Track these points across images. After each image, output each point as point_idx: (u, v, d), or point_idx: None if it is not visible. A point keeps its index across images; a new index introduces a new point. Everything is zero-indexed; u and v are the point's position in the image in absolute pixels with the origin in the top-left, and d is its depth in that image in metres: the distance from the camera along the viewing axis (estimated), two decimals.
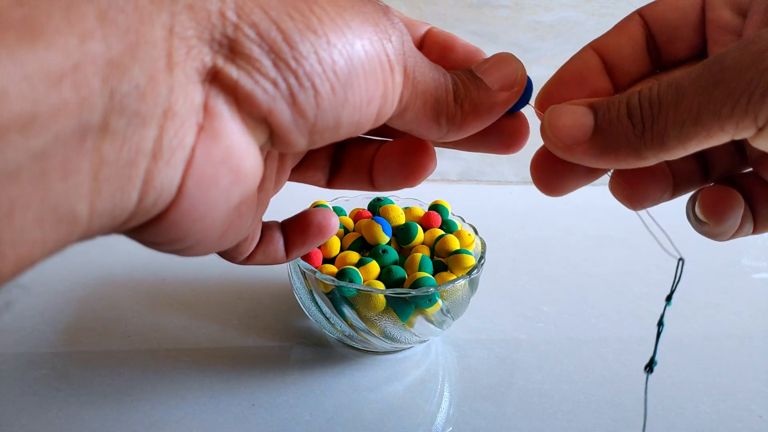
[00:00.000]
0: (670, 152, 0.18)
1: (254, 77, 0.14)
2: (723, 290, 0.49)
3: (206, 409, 0.32)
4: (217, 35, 0.14)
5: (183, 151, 0.14)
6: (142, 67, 0.13)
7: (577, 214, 0.62)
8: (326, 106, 0.15)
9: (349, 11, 0.16)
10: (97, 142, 0.12)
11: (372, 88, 0.16)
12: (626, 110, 0.18)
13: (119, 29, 0.12)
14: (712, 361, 0.39)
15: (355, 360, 0.37)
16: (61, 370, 0.34)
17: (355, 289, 0.33)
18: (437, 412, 0.34)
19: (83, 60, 0.12)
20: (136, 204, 0.14)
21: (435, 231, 0.39)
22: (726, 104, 0.16)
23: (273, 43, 0.14)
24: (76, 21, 0.12)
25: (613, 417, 0.34)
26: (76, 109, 0.12)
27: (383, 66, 0.16)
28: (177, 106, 0.13)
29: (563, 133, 0.19)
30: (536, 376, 0.37)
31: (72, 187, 0.12)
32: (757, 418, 0.35)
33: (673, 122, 0.17)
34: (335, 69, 0.15)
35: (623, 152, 0.18)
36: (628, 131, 0.18)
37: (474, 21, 0.58)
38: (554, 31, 0.60)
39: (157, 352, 0.36)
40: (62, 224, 0.12)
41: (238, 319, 0.40)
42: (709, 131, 0.17)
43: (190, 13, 0.13)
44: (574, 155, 0.19)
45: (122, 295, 0.42)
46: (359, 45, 0.16)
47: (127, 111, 0.12)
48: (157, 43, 0.13)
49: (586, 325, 0.42)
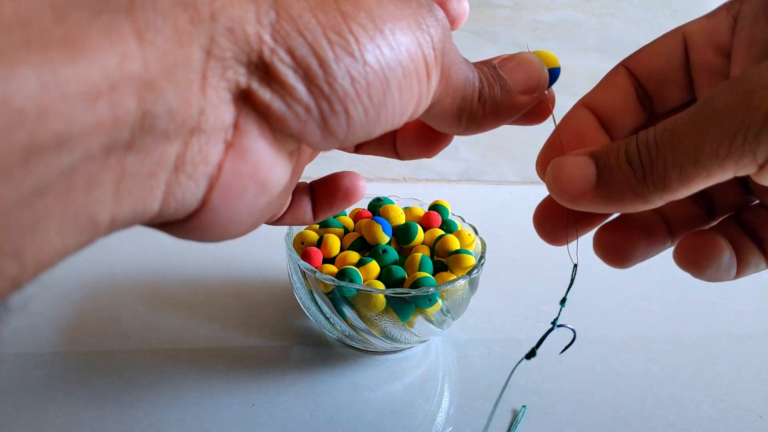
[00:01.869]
0: (674, 193, 0.18)
1: (287, 101, 0.14)
2: (723, 290, 0.49)
3: (206, 409, 0.32)
4: (254, 58, 0.13)
5: (207, 167, 0.14)
6: (177, 89, 0.13)
7: None
8: (357, 127, 0.15)
9: (390, 18, 0.15)
10: (122, 157, 0.12)
11: (406, 102, 0.16)
12: (625, 156, 0.18)
13: (158, 50, 0.12)
14: (712, 361, 0.39)
15: (355, 360, 0.37)
16: (61, 370, 0.34)
17: (355, 289, 0.33)
18: (437, 412, 0.34)
19: (121, 80, 0.11)
20: (158, 212, 0.14)
21: (435, 231, 0.39)
22: (723, 144, 0.16)
23: (308, 69, 0.14)
24: (117, 40, 0.11)
25: (613, 417, 0.34)
26: (108, 128, 0.12)
27: (420, 77, 0.16)
28: (205, 125, 0.13)
29: (568, 185, 0.19)
30: (536, 377, 0.37)
31: (94, 199, 0.12)
32: (757, 418, 0.35)
33: (672, 165, 0.17)
34: (370, 93, 0.15)
35: (628, 197, 0.18)
36: (630, 177, 0.18)
37: (474, 21, 0.58)
38: (554, 31, 0.60)
39: (157, 352, 0.36)
40: (83, 231, 0.12)
41: (238, 319, 0.40)
42: (709, 171, 0.17)
43: (229, 35, 0.13)
44: (582, 204, 0.20)
45: (122, 295, 0.42)
46: (397, 61, 0.15)
47: (155, 130, 0.13)
48: (193, 64, 0.13)
49: (586, 325, 0.42)
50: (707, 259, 0.22)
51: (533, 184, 0.68)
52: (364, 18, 0.15)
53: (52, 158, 0.11)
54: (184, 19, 0.12)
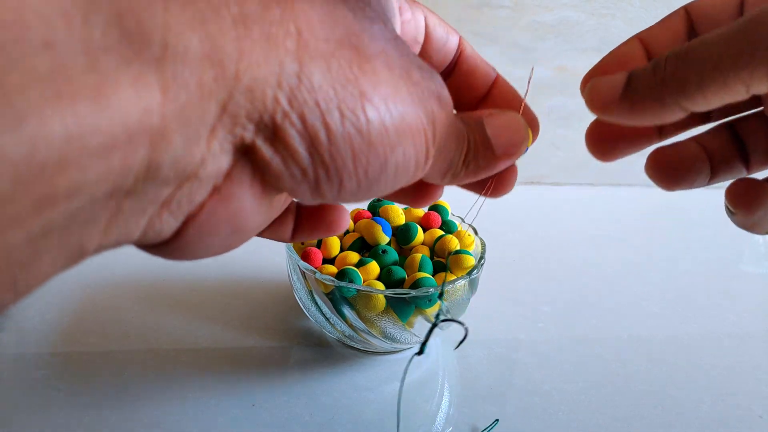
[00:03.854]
0: (690, 99, 0.18)
1: (287, 162, 0.14)
2: (723, 290, 0.49)
3: (206, 409, 0.32)
4: (265, 118, 0.14)
5: (189, 205, 0.14)
6: (186, 140, 0.13)
7: (577, 214, 0.62)
8: (347, 194, 0.16)
9: (402, 103, 0.15)
10: (121, 199, 0.13)
11: (400, 180, 0.16)
12: (652, 65, 0.19)
13: (178, 104, 0.12)
14: (712, 361, 0.39)
15: (355, 360, 0.37)
16: (61, 370, 0.34)
17: (355, 290, 0.33)
18: (437, 412, 0.34)
19: (138, 133, 0.12)
20: (136, 239, 0.14)
21: (435, 231, 0.39)
22: (745, 53, 0.17)
23: (315, 137, 0.14)
24: (143, 92, 0.12)
25: (613, 417, 0.34)
26: (115, 176, 0.12)
27: (418, 162, 0.16)
28: (202, 172, 0.13)
29: (597, 93, 0.20)
30: (536, 376, 0.37)
31: (87, 233, 0.13)
32: (757, 418, 0.35)
33: (694, 68, 0.18)
34: (367, 170, 0.15)
35: (647, 102, 0.19)
36: (651, 81, 0.19)
37: (474, 21, 0.58)
38: (554, 31, 0.60)
39: (157, 352, 0.36)
40: (72, 259, 0.13)
41: (238, 319, 0.40)
42: (726, 79, 0.17)
43: (247, 94, 0.13)
44: (610, 114, 0.20)
45: (122, 296, 0.42)
46: (401, 148, 0.16)
47: (157, 177, 0.13)
48: (206, 118, 0.13)
49: (586, 325, 0.42)
50: (758, 201, 0.23)
51: (533, 184, 0.68)
52: (379, 100, 0.15)
53: (63, 205, 0.11)
54: (210, 75, 0.12)
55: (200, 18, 0.12)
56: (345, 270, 0.34)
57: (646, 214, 0.63)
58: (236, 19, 0.13)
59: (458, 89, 0.24)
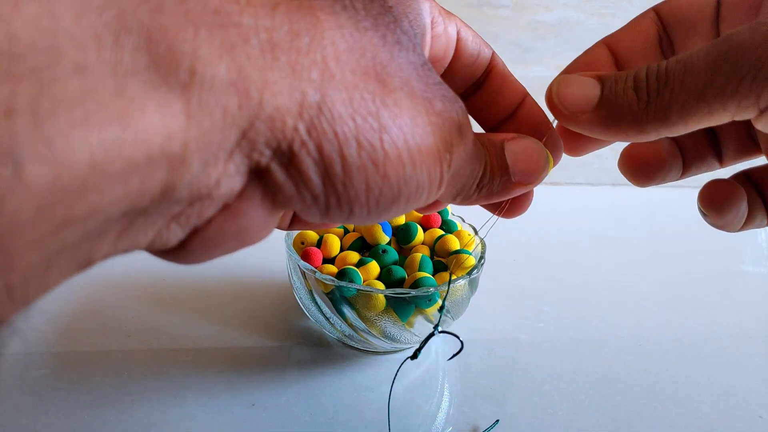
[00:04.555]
0: (672, 128, 0.18)
1: (299, 187, 0.14)
2: (723, 290, 0.49)
3: (206, 409, 0.32)
4: (283, 145, 0.14)
5: (198, 220, 0.14)
6: (203, 164, 0.13)
7: (577, 214, 0.62)
8: (355, 220, 0.16)
9: (422, 136, 0.15)
10: (134, 217, 0.13)
11: (411, 208, 0.16)
12: (633, 83, 0.18)
13: (201, 131, 0.12)
14: (712, 361, 0.39)
15: (355, 360, 0.37)
16: (61, 370, 0.34)
17: (355, 289, 0.33)
18: (437, 412, 0.34)
19: (159, 158, 0.12)
20: (142, 248, 0.14)
21: (435, 231, 0.39)
22: (731, 82, 0.16)
23: (330, 166, 0.14)
24: (169, 117, 0.12)
25: (613, 417, 0.34)
26: (133, 198, 0.12)
27: (431, 191, 0.16)
28: (215, 193, 0.14)
29: (569, 101, 0.19)
30: (536, 376, 0.37)
31: (98, 246, 0.13)
32: (757, 418, 0.35)
33: (678, 97, 0.17)
34: (379, 201, 0.15)
35: (625, 124, 0.19)
36: (633, 104, 0.18)
37: (474, 21, 0.58)
38: (554, 31, 0.60)
39: (157, 352, 0.36)
40: (78, 269, 0.13)
41: (238, 319, 0.40)
42: (711, 108, 0.17)
43: (268, 122, 0.13)
44: (578, 124, 0.20)
45: (122, 295, 0.42)
46: (415, 180, 0.15)
47: (173, 198, 0.13)
48: (226, 144, 0.13)
49: (586, 325, 0.42)
50: (729, 204, 0.23)
51: None
52: (398, 133, 0.15)
53: (80, 226, 0.11)
54: (234, 102, 0.12)
55: (229, 45, 0.12)
56: (345, 270, 0.34)
57: (646, 214, 0.63)
58: (264, 47, 0.13)
59: (485, 105, 0.23)
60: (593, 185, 0.69)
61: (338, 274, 0.34)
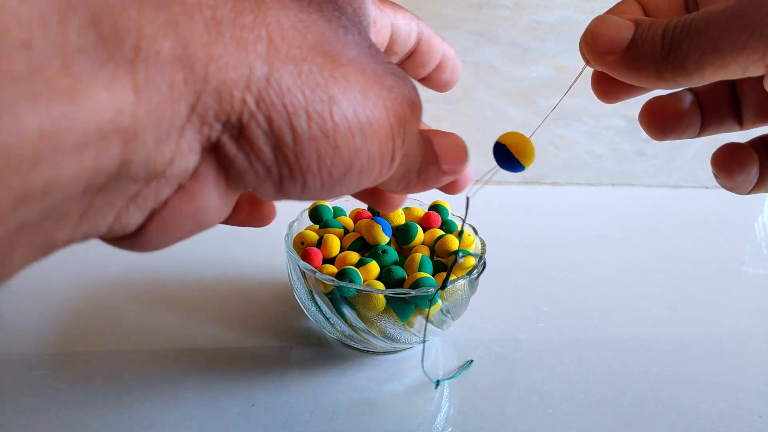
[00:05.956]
0: (688, 77, 0.19)
1: (251, 160, 0.15)
2: (723, 290, 0.49)
3: (206, 409, 0.32)
4: (232, 118, 0.14)
5: (154, 202, 0.14)
6: (157, 140, 0.13)
7: (577, 214, 0.62)
8: (310, 194, 0.16)
9: (373, 109, 0.16)
10: (94, 195, 0.13)
11: (364, 182, 0.17)
12: (662, 31, 0.19)
13: (150, 105, 0.12)
14: (712, 361, 0.39)
15: (355, 360, 0.37)
16: (61, 370, 0.34)
17: (355, 289, 0.33)
18: (437, 412, 0.34)
19: (111, 132, 0.12)
20: (103, 233, 0.15)
21: (435, 231, 0.39)
22: (742, 35, 0.17)
23: (280, 137, 0.14)
24: (117, 93, 0.12)
25: (613, 417, 0.34)
26: (90, 174, 0.12)
27: (384, 163, 0.17)
28: (170, 171, 0.14)
29: (601, 40, 0.20)
30: (536, 376, 0.37)
31: (59, 228, 0.13)
32: (757, 418, 0.35)
33: (695, 48, 0.18)
34: (332, 172, 0.15)
35: (646, 70, 0.19)
36: (657, 51, 0.19)
37: (474, 21, 0.58)
38: (554, 31, 0.60)
39: (157, 352, 0.36)
40: (40, 253, 0.13)
41: (237, 319, 0.40)
42: (723, 60, 0.18)
43: (215, 96, 0.13)
44: (605, 64, 0.20)
45: (122, 296, 0.42)
46: (366, 151, 0.16)
47: (129, 175, 0.13)
48: (176, 119, 0.13)
49: (586, 325, 0.42)
50: (740, 167, 0.24)
51: (533, 184, 0.68)
52: (347, 104, 0.15)
53: (38, 202, 0.12)
54: (180, 77, 0.13)
55: (173, 22, 0.13)
56: (345, 270, 0.34)
57: (646, 214, 0.63)
58: (208, 23, 0.13)
59: (416, 66, 0.26)
60: (593, 185, 0.69)
61: (338, 274, 0.34)
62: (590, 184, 0.69)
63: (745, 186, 0.24)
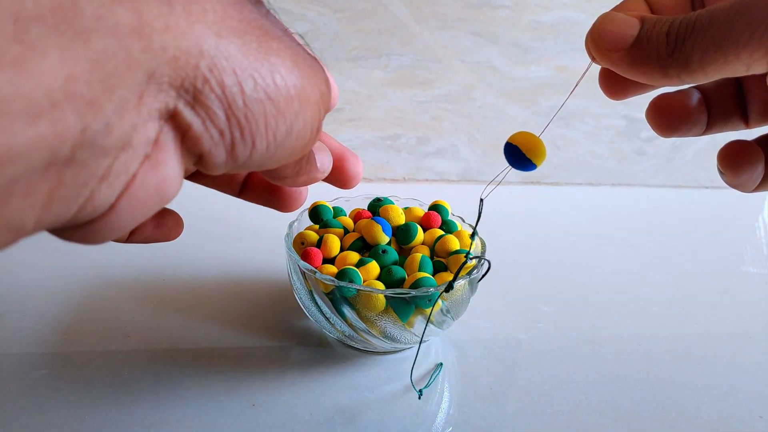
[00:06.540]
0: (692, 75, 0.19)
1: (206, 124, 0.16)
2: (723, 290, 0.49)
3: (206, 409, 0.32)
4: (187, 84, 0.15)
5: (125, 176, 0.15)
6: (116, 107, 0.14)
7: (577, 214, 0.62)
8: (257, 157, 0.17)
9: (305, 79, 0.17)
10: (61, 169, 0.13)
11: (299, 149, 0.19)
12: (667, 28, 0.20)
13: (105, 73, 0.13)
14: (712, 361, 0.39)
15: (355, 360, 0.37)
16: (61, 370, 0.34)
17: (355, 289, 0.33)
18: (437, 412, 0.34)
19: (63, 98, 0.12)
20: (73, 215, 0.15)
21: (435, 231, 0.39)
22: (745, 33, 0.17)
23: (233, 101, 0.16)
24: (70, 61, 0.12)
25: (613, 417, 0.34)
26: (49, 142, 0.12)
27: (313, 132, 0.19)
28: (135, 140, 0.15)
29: (606, 37, 0.21)
30: (536, 376, 0.37)
31: (28, 205, 0.13)
32: (757, 418, 0.35)
33: (699, 45, 0.18)
34: (276, 134, 0.17)
35: (651, 67, 0.20)
36: (661, 48, 0.19)
37: (474, 21, 0.58)
38: (554, 31, 0.60)
39: (157, 352, 0.36)
40: (9, 234, 0.13)
41: (238, 319, 0.40)
42: (727, 58, 0.18)
43: (171, 63, 0.14)
44: (610, 61, 0.21)
45: (122, 296, 0.42)
46: (302, 117, 0.18)
47: (94, 145, 0.14)
48: (133, 86, 0.14)
49: (586, 325, 0.42)
50: (745, 165, 0.24)
51: (533, 184, 0.68)
52: (285, 72, 0.17)
53: None
54: (138, 46, 0.14)
55: None
56: (345, 270, 0.34)
57: (646, 214, 0.63)
58: None
59: None
60: (593, 185, 0.69)
61: (338, 274, 0.34)
62: (590, 184, 0.69)
63: (749, 184, 0.24)
